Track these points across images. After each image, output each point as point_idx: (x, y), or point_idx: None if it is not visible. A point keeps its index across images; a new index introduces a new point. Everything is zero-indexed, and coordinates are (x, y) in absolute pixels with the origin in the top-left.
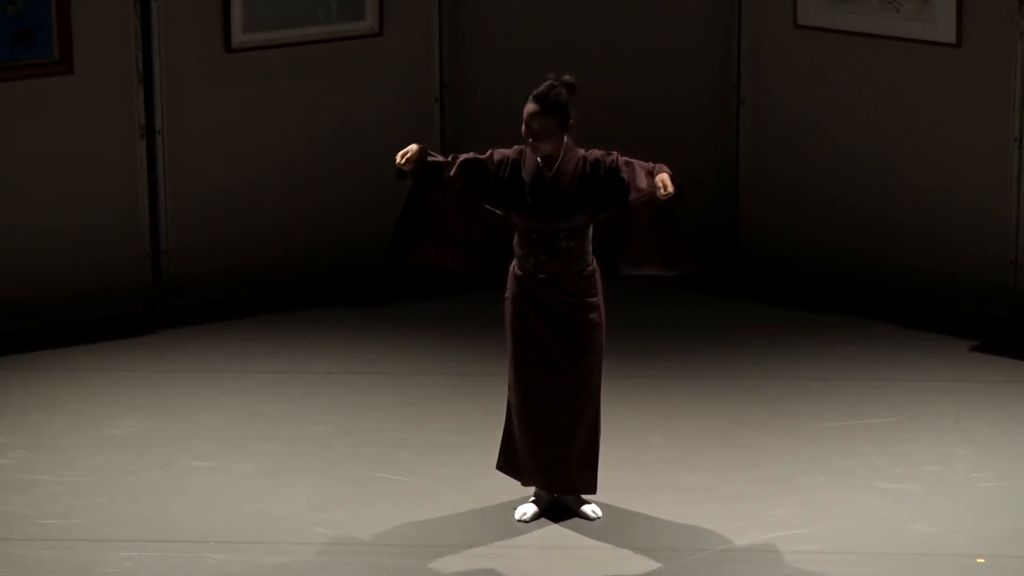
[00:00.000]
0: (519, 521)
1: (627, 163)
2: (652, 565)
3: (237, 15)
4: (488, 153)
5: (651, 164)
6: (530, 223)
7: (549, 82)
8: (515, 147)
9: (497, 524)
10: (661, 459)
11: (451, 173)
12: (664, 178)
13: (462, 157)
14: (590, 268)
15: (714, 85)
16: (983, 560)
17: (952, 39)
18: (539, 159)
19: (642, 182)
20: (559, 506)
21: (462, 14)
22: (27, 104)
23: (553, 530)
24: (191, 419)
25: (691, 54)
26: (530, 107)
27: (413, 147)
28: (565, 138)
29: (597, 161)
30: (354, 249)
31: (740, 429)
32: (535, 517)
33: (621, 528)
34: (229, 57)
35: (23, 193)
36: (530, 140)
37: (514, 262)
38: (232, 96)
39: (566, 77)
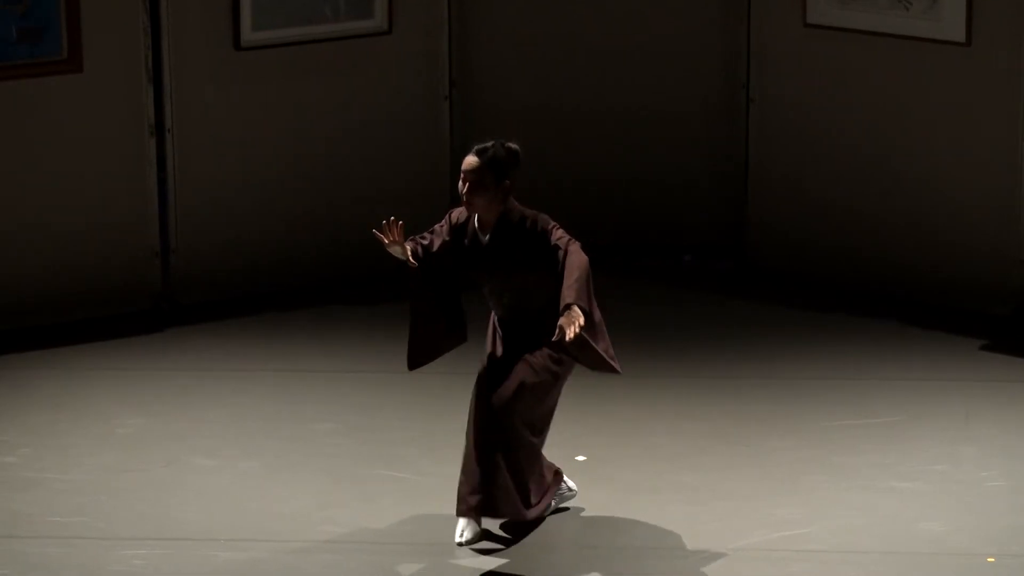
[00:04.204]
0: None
1: (565, 252)
2: (657, 564)
3: (246, 13)
4: (430, 232)
5: (575, 274)
6: (476, 279)
7: (494, 141)
8: (456, 209)
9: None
10: (665, 458)
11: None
12: (564, 326)
13: (416, 247)
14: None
15: (723, 84)
16: (992, 559)
17: (961, 38)
18: (476, 224)
19: (564, 290)
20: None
21: (471, 12)
22: (36, 102)
23: (558, 528)
24: (197, 417)
25: (700, 52)
26: (469, 159)
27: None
28: (502, 200)
29: (543, 232)
30: (362, 248)
31: (745, 428)
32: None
33: (626, 527)
34: (238, 55)
35: (32, 191)
36: (464, 193)
37: None
38: (241, 94)
39: (511, 144)
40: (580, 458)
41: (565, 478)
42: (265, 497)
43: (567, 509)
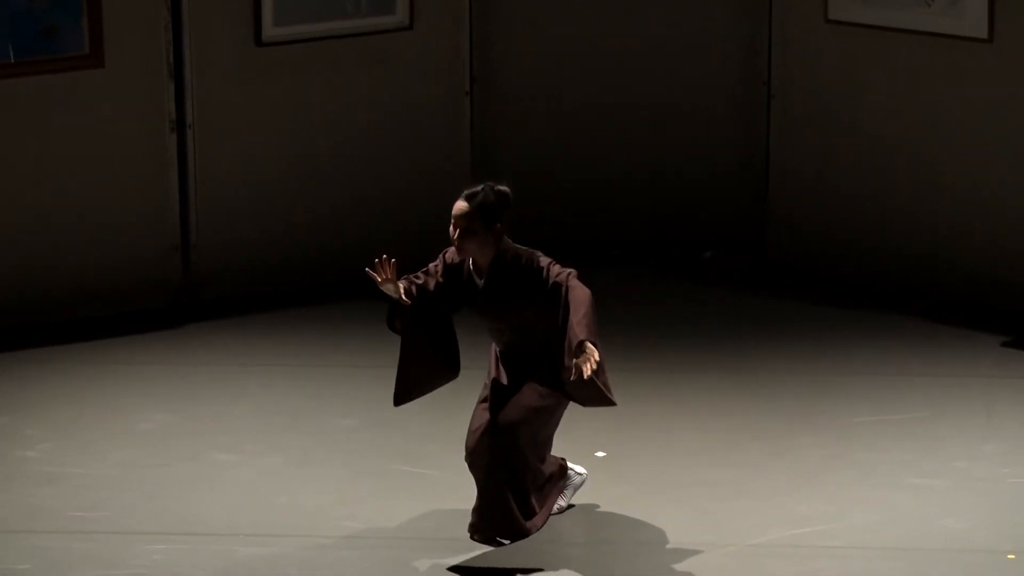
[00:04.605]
0: None
1: (567, 288)
2: (679, 560)
3: (267, 9)
4: (424, 272)
5: (580, 311)
6: (475, 318)
7: (483, 185)
8: (450, 249)
9: None
10: (686, 454)
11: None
12: (581, 364)
13: (410, 287)
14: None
15: (744, 79)
16: (1013, 556)
17: (983, 34)
18: (471, 267)
19: (571, 331)
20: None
21: (492, 8)
22: (58, 98)
23: (576, 524)
24: (218, 412)
25: (721, 48)
26: (459, 204)
27: (390, 285)
28: (494, 244)
29: (538, 270)
30: (384, 243)
31: (767, 424)
32: None
33: (646, 523)
34: (259, 51)
35: (52, 186)
36: (455, 239)
37: None
38: (262, 90)
39: (501, 186)
40: (600, 454)
41: (570, 465)
42: (286, 492)
43: (572, 506)
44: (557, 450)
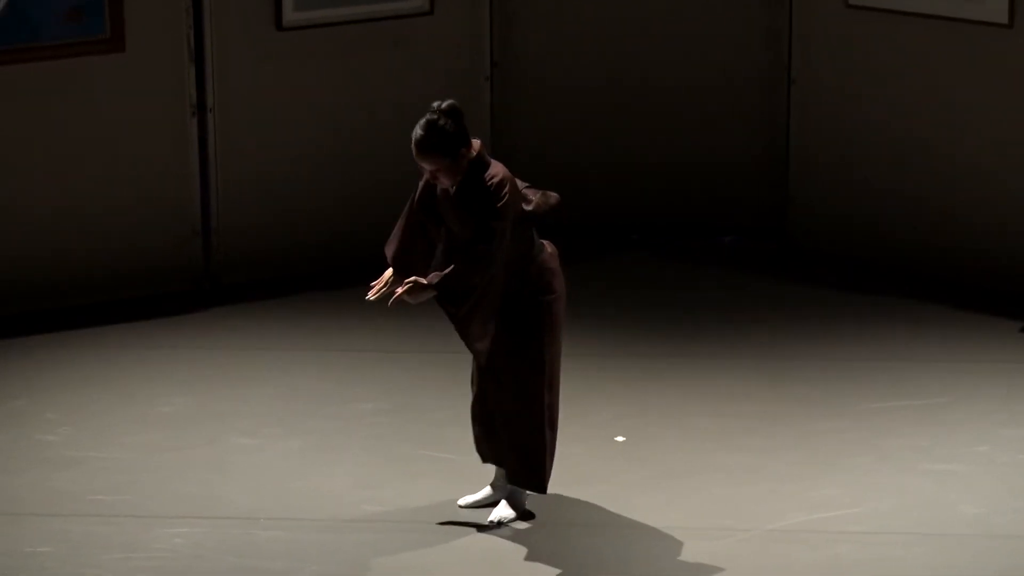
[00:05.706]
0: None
1: (477, 235)
2: (697, 545)
3: None
4: (411, 199)
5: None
6: (448, 233)
7: (426, 119)
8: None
9: (543, 502)
10: (705, 439)
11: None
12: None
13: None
14: (535, 265)
15: (764, 64)
16: None
17: (1004, 19)
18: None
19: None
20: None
21: None
22: (78, 82)
23: (594, 508)
24: (238, 396)
25: (742, 33)
26: (415, 153)
27: (386, 275)
28: (464, 165)
29: (488, 194)
30: None
31: (787, 409)
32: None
33: (664, 507)
34: (280, 35)
35: (74, 171)
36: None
37: None
38: (283, 74)
39: (444, 105)
40: (619, 439)
41: (506, 510)
42: (307, 476)
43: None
44: (579, 438)
